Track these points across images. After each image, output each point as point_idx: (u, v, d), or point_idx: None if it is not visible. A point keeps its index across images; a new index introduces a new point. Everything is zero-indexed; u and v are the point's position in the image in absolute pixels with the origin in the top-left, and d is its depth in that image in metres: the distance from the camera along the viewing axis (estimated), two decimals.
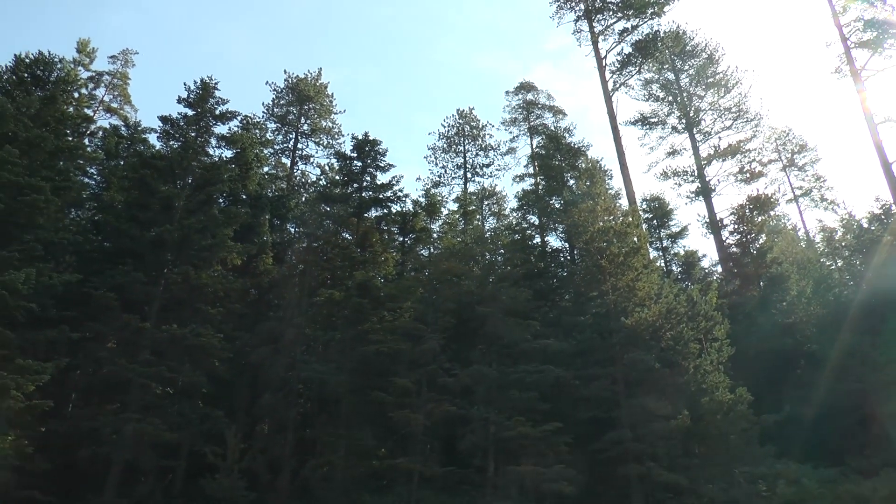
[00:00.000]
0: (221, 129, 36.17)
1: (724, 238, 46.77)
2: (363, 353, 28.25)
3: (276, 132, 51.69)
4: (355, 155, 38.71)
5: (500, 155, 53.06)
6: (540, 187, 45.10)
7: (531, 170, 48.51)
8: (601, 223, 32.46)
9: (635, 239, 31.76)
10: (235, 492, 24.76)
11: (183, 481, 26.52)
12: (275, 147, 50.95)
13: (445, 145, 53.51)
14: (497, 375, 27.58)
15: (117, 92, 46.58)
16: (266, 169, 46.35)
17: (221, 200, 34.47)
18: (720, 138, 53.83)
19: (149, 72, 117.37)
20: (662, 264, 48.98)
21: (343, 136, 52.27)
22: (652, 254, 45.42)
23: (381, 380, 27.67)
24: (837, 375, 28.25)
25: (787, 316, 35.03)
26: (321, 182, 46.63)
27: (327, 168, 46.97)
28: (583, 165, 41.85)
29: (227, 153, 38.44)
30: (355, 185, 38.20)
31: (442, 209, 46.64)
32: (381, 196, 38.37)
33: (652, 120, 56.90)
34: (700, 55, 55.55)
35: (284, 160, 51.85)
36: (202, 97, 33.54)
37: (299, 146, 52.14)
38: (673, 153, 56.09)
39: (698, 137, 54.19)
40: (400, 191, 38.73)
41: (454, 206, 48.54)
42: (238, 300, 31.54)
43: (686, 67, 56.02)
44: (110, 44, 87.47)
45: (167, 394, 27.59)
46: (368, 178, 38.36)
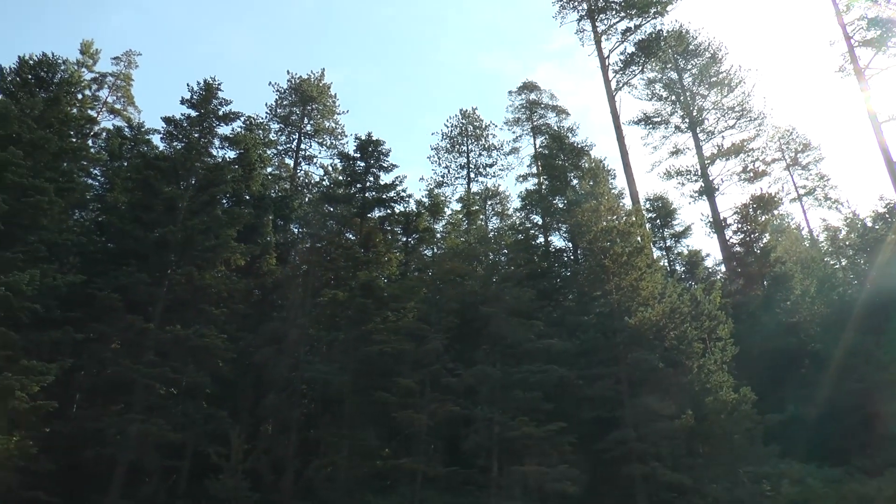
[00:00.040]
0: (225, 130, 36.36)
1: (728, 237, 46.72)
2: (367, 354, 28.26)
3: (280, 133, 51.74)
4: (358, 155, 38.74)
5: (504, 155, 52.84)
6: (543, 187, 45.10)
7: (534, 169, 48.42)
8: (604, 223, 32.42)
9: (639, 238, 31.71)
10: (239, 492, 24.77)
11: (187, 482, 26.51)
12: (278, 148, 50.97)
13: (448, 145, 53.41)
14: (501, 375, 27.57)
15: (121, 93, 46.69)
16: (269, 169, 46.34)
17: (225, 201, 34.50)
18: (723, 137, 53.83)
19: (150, 72, 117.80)
20: (666, 264, 48.94)
21: (346, 137, 52.37)
22: (655, 253, 45.35)
23: (385, 380, 27.67)
24: (841, 375, 28.23)
25: (791, 315, 35.00)
26: (324, 182, 46.70)
27: (330, 168, 47.13)
28: (586, 165, 41.79)
29: (231, 154, 38.60)
30: (358, 186, 38.22)
31: (445, 209, 46.87)
32: (385, 196, 38.39)
33: (655, 119, 56.82)
34: (703, 54, 55.41)
35: (288, 161, 51.94)
36: (205, 98, 33.56)
37: (302, 147, 52.19)
38: (676, 152, 56.04)
39: (701, 137, 54.08)
40: (403, 191, 38.85)
41: (457, 206, 48.71)
42: (241, 301, 31.57)
43: (689, 67, 55.89)
44: (111, 44, 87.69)
45: (171, 394, 27.65)
46: (372, 179, 38.40)
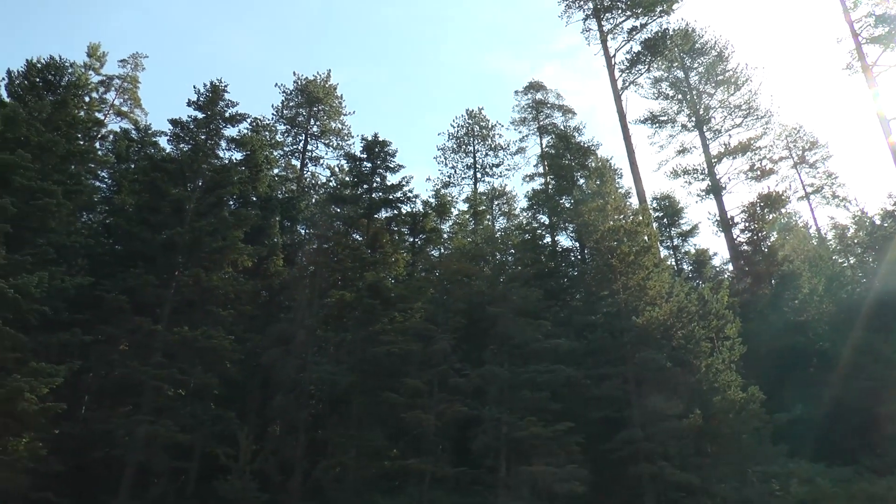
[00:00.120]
0: (231, 132, 36.32)
1: (735, 236, 46.59)
2: (374, 354, 28.24)
3: (286, 134, 51.97)
4: (365, 156, 38.68)
5: (510, 155, 52.89)
6: (550, 187, 44.96)
7: (541, 169, 48.29)
8: (611, 222, 32.36)
9: (646, 238, 31.60)
10: (248, 493, 24.78)
11: (195, 483, 26.57)
12: (284, 149, 51.17)
13: (455, 145, 53.46)
14: (508, 375, 27.50)
15: (127, 95, 47.01)
16: (276, 171, 46.54)
17: (232, 203, 34.57)
18: (730, 136, 53.49)
19: (155, 74, 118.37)
20: (673, 263, 48.86)
21: (352, 138, 52.43)
22: (662, 252, 45.21)
23: (393, 380, 27.69)
24: (850, 373, 28.08)
25: (799, 314, 34.84)
26: (331, 183, 46.65)
27: (337, 169, 47.04)
28: (592, 164, 41.62)
29: (237, 155, 38.64)
30: (365, 187, 38.16)
31: (452, 209, 46.77)
32: (391, 197, 38.33)
33: (661, 118, 56.59)
34: (709, 53, 55.13)
35: (294, 162, 52.16)
36: (212, 100, 33.66)
37: (309, 148, 52.38)
38: (683, 151, 55.83)
39: (708, 135, 53.81)
40: (410, 191, 38.73)
41: (464, 207, 48.73)
42: (249, 302, 31.67)
43: (695, 65, 55.62)
44: (115, 45, 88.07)
45: (179, 396, 27.76)
46: (378, 179, 38.32)
